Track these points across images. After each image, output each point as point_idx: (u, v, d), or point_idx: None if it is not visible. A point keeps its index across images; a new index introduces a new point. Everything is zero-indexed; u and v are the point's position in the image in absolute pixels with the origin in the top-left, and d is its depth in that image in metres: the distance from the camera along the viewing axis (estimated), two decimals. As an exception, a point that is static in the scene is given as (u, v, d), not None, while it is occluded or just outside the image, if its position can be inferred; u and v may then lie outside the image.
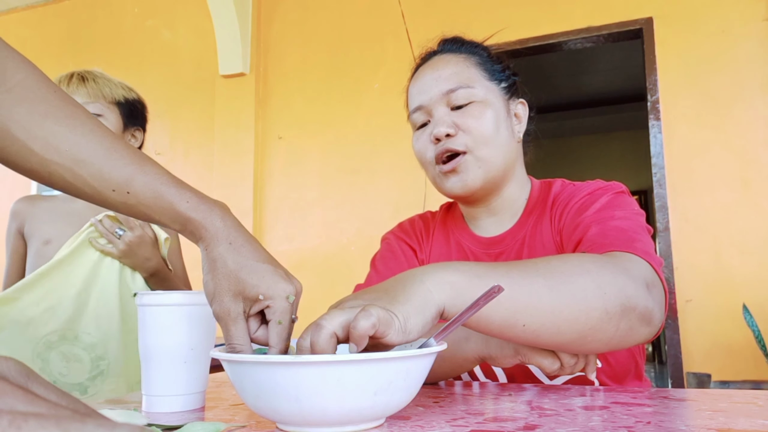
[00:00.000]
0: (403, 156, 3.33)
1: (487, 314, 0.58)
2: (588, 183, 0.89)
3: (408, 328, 0.52)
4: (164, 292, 0.64)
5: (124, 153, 0.60)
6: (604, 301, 0.62)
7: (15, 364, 0.24)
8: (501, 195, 0.93)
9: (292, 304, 0.58)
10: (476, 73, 0.90)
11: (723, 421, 0.52)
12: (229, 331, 0.57)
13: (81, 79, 1.28)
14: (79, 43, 4.23)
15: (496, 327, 0.60)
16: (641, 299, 0.64)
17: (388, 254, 0.99)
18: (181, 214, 0.59)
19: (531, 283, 0.60)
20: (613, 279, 0.63)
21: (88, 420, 0.19)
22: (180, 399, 0.64)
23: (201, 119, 3.81)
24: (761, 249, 2.66)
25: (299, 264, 3.42)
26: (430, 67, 0.92)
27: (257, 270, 0.57)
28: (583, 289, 0.62)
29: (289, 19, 3.74)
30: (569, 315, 0.61)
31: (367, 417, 0.50)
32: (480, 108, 0.87)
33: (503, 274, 0.60)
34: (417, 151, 0.92)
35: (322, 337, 0.50)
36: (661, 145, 2.87)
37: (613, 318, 0.63)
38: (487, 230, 0.96)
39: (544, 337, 0.62)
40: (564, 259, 0.65)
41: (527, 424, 0.53)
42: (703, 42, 2.85)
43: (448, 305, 0.56)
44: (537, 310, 0.60)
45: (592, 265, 0.64)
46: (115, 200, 0.59)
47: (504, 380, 0.85)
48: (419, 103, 0.91)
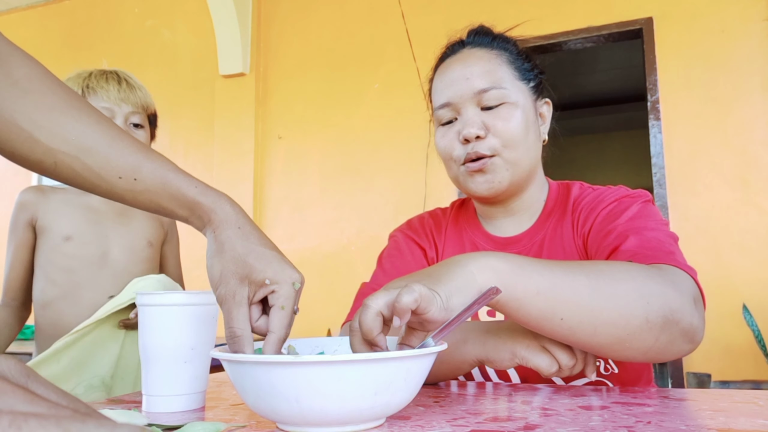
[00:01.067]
0: (403, 156, 3.33)
1: (528, 304, 0.60)
2: (611, 188, 0.88)
3: (450, 305, 0.55)
4: (164, 292, 0.64)
5: (129, 142, 0.61)
6: (647, 310, 0.62)
7: (15, 363, 0.24)
8: (522, 196, 0.92)
9: (296, 291, 0.58)
10: (507, 73, 0.87)
11: (723, 421, 0.52)
12: (231, 315, 0.57)
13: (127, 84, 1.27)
14: (79, 43, 4.23)
15: (534, 318, 0.61)
16: (686, 314, 0.64)
17: (395, 252, 0.97)
18: (190, 198, 0.60)
19: (573, 280, 0.61)
20: (659, 290, 0.63)
21: (89, 420, 0.19)
22: (180, 399, 0.64)
23: (201, 119, 3.81)
24: (761, 249, 2.66)
25: (299, 264, 3.37)
26: (459, 61, 0.89)
27: (265, 255, 0.58)
28: (625, 294, 0.62)
29: (289, 19, 3.73)
30: (608, 317, 0.61)
31: (367, 417, 0.50)
32: (510, 110, 0.85)
33: (546, 268, 0.62)
34: (442, 148, 0.90)
35: (368, 316, 0.52)
36: (661, 145, 2.87)
37: (653, 328, 0.63)
38: (503, 230, 0.94)
39: (580, 335, 0.62)
40: (611, 264, 0.66)
41: (527, 424, 0.53)
42: (703, 42, 2.85)
43: None
44: (576, 306, 0.61)
45: (639, 273, 0.65)
46: (122, 188, 0.60)
47: (517, 381, 0.84)
48: (447, 99, 0.88)
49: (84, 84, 1.25)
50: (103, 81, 1.26)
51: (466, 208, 1.01)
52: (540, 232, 0.91)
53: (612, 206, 0.84)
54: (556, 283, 0.60)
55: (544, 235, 0.90)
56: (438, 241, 0.98)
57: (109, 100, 1.24)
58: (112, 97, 1.24)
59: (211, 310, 0.66)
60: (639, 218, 0.80)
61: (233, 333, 0.56)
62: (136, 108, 1.27)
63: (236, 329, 0.56)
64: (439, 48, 0.97)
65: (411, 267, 0.94)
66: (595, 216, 0.85)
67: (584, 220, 0.86)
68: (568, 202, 0.91)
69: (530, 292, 0.59)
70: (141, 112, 1.29)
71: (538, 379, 0.82)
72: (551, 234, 0.90)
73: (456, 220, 1.00)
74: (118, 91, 1.25)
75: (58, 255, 1.23)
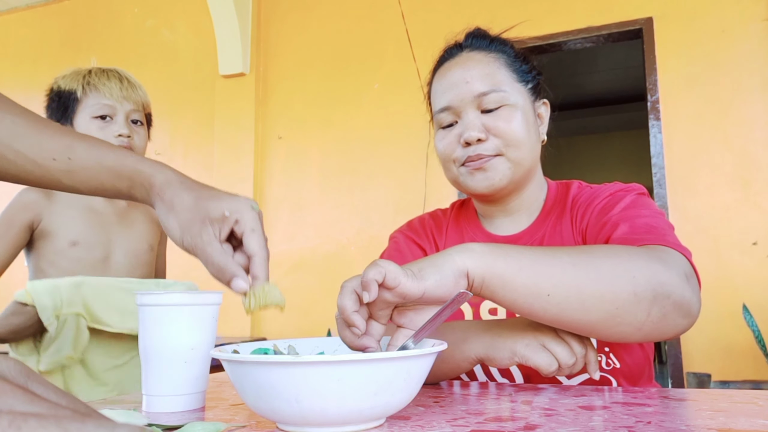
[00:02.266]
0: (403, 156, 3.33)
1: (511, 280, 0.61)
2: (607, 185, 0.90)
3: (423, 276, 0.57)
4: (164, 292, 0.64)
5: (57, 127, 0.61)
6: (634, 284, 0.63)
7: (15, 364, 0.24)
8: (521, 195, 0.93)
9: (258, 213, 0.59)
10: (506, 75, 0.88)
11: (723, 421, 0.52)
12: (206, 254, 0.57)
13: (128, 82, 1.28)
14: (79, 43, 4.23)
15: (521, 295, 0.62)
16: (677, 288, 0.65)
17: (395, 253, 0.98)
18: (129, 167, 0.60)
19: (554, 257, 0.63)
20: (645, 264, 0.64)
21: (88, 420, 0.19)
22: (180, 399, 0.64)
23: (201, 119, 3.81)
24: (761, 249, 2.66)
25: (299, 264, 3.42)
26: (458, 65, 0.90)
27: (214, 194, 0.59)
28: (610, 269, 0.63)
29: (289, 19, 3.73)
30: (595, 291, 0.62)
31: (367, 417, 0.50)
32: (510, 112, 0.86)
33: (528, 249, 0.64)
34: (441, 151, 0.91)
35: (343, 294, 0.57)
36: (661, 145, 2.87)
37: (642, 302, 0.63)
38: (503, 228, 0.95)
39: (570, 312, 0.63)
40: (595, 246, 0.68)
41: (527, 424, 0.53)
42: (703, 42, 2.85)
43: (471, 267, 0.60)
44: (561, 282, 0.62)
45: (623, 251, 0.66)
46: (58, 170, 0.59)
47: (521, 380, 0.84)
48: (447, 103, 0.89)
49: (84, 81, 1.25)
50: (105, 78, 1.26)
51: (467, 208, 1.01)
52: (540, 230, 0.92)
53: (607, 200, 0.85)
54: (537, 260, 0.62)
55: (544, 233, 0.91)
56: (439, 241, 0.99)
57: (112, 97, 1.24)
58: (114, 94, 1.25)
59: (211, 310, 0.66)
60: (632, 208, 0.81)
61: (219, 271, 0.57)
62: (137, 106, 1.28)
63: (217, 263, 0.57)
64: (438, 49, 0.98)
65: None
66: (591, 211, 0.86)
67: (581, 217, 0.88)
68: (567, 200, 0.92)
69: (512, 268, 0.61)
70: (141, 110, 1.30)
71: (541, 379, 0.82)
72: (551, 232, 0.91)
73: (457, 220, 1.00)
74: (120, 89, 1.26)
75: (62, 259, 1.23)
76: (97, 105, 1.24)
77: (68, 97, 1.25)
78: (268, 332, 3.37)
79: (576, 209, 0.89)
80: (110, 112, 1.25)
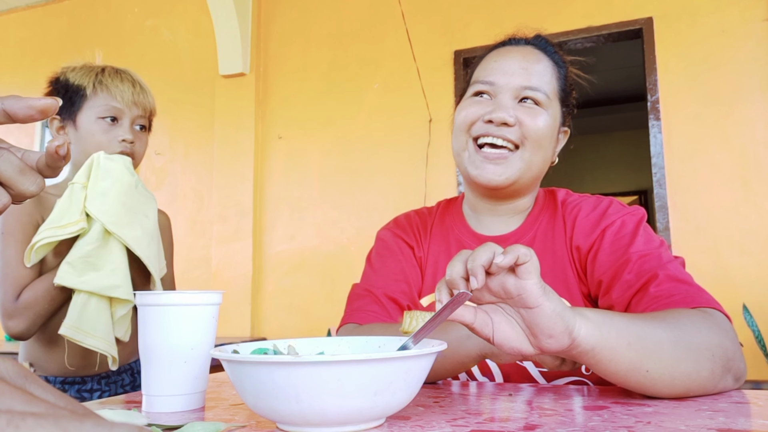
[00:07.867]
0: (403, 156, 3.33)
1: (620, 355, 0.61)
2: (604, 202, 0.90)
3: (550, 296, 0.57)
4: (164, 292, 0.64)
5: None
6: (713, 362, 0.65)
7: (13, 365, 0.24)
8: (516, 201, 0.94)
9: None
10: (555, 87, 0.91)
11: (723, 421, 0.52)
12: None
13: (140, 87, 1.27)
14: (79, 43, 4.23)
15: (623, 369, 0.62)
16: (738, 361, 0.69)
17: (384, 251, 0.98)
18: None
19: (654, 333, 0.63)
20: (719, 341, 0.67)
21: (86, 419, 0.19)
22: (180, 399, 0.64)
23: (201, 119, 3.81)
24: (761, 249, 2.65)
25: (299, 264, 3.42)
26: (521, 53, 0.92)
27: None
28: (697, 346, 0.65)
29: (289, 19, 3.73)
30: (685, 369, 0.63)
31: (367, 417, 0.50)
32: (542, 113, 0.88)
33: (629, 320, 0.63)
34: (462, 117, 0.91)
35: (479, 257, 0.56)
36: (661, 145, 2.87)
37: (715, 377, 0.66)
38: (491, 228, 0.96)
39: (660, 385, 0.64)
40: (677, 315, 0.68)
41: (527, 424, 0.53)
42: (703, 42, 2.85)
43: (584, 334, 0.59)
44: (660, 359, 0.62)
45: (702, 324, 0.68)
46: None
47: (500, 380, 0.85)
48: (494, 79, 0.89)
49: (96, 79, 1.24)
50: (118, 80, 1.24)
51: (453, 207, 1.02)
52: (529, 232, 0.93)
53: (616, 228, 0.85)
54: (643, 336, 0.62)
55: (534, 234, 0.92)
56: (424, 240, 0.99)
57: (123, 101, 1.23)
58: (126, 98, 1.23)
59: (211, 310, 0.66)
60: (649, 243, 0.82)
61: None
62: (144, 112, 1.27)
63: None
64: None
65: (401, 265, 0.95)
66: (599, 234, 0.85)
67: (572, 224, 0.88)
68: (556, 204, 0.93)
69: (622, 344, 0.61)
70: (147, 116, 1.29)
71: (521, 378, 0.83)
72: (542, 235, 0.92)
73: (442, 220, 1.01)
74: (132, 93, 1.24)
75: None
76: (105, 106, 1.23)
77: (76, 92, 1.23)
78: (268, 332, 3.37)
79: (567, 214, 0.91)
80: (118, 114, 1.23)
